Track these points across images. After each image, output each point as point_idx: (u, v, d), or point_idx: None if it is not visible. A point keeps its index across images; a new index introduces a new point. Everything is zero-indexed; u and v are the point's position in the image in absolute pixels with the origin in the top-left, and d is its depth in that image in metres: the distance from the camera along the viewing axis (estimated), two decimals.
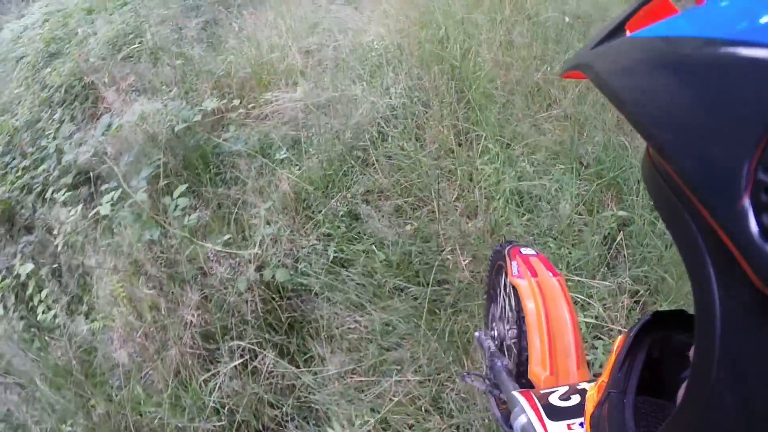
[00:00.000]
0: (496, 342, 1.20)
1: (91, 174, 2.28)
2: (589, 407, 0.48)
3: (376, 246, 1.94)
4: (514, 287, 1.05)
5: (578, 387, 0.71)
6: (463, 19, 2.49)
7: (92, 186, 2.25)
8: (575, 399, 0.68)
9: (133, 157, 2.05)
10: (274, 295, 1.97)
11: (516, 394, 0.75)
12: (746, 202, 0.19)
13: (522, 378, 0.97)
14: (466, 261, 2.00)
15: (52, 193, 2.31)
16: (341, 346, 1.89)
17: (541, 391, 0.74)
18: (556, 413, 0.67)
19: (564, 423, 0.64)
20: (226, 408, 1.71)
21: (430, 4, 2.63)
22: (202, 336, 1.89)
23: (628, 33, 0.27)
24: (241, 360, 1.76)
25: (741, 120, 0.19)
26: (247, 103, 2.44)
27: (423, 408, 1.69)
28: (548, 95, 2.36)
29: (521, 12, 2.58)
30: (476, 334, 1.32)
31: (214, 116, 2.22)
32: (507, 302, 1.15)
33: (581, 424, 0.63)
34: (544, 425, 0.66)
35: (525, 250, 1.10)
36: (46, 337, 2.02)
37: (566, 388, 0.72)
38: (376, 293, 1.93)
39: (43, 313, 2.12)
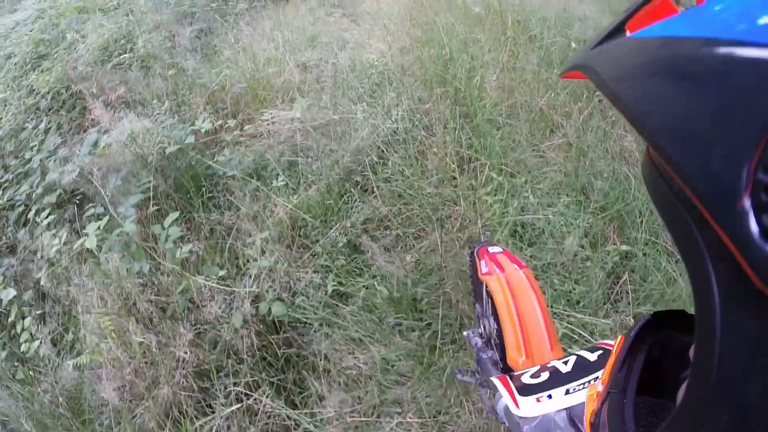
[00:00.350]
0: (484, 338, 1.19)
1: (77, 194, 2.04)
2: (589, 407, 0.45)
3: (377, 280, 1.76)
4: (486, 284, 1.05)
5: (548, 365, 0.70)
6: (466, 39, 2.29)
7: (78, 207, 2.02)
8: (544, 376, 0.68)
9: (121, 180, 1.83)
10: (270, 330, 1.79)
11: (494, 379, 0.75)
12: (746, 202, 0.18)
13: (505, 367, 0.98)
14: (468, 294, 1.84)
15: (36, 213, 2.07)
16: (339, 381, 1.73)
17: (516, 374, 0.74)
18: (526, 390, 0.67)
19: (533, 397, 0.64)
20: None
21: (432, 21, 2.42)
22: (195, 374, 1.70)
23: (628, 33, 0.26)
24: (239, 405, 1.59)
25: (740, 120, 0.18)
26: (242, 121, 2.21)
27: None
28: (551, 121, 2.18)
29: (524, 33, 2.38)
30: (465, 333, 1.31)
31: (207, 137, 1.99)
32: (487, 298, 1.15)
33: (549, 396, 0.63)
34: (515, 401, 0.66)
35: (492, 249, 1.11)
36: (30, 371, 1.81)
37: (537, 367, 0.72)
38: (377, 329, 1.77)
39: (26, 342, 1.90)
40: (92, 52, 2.67)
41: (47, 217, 2.00)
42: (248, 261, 1.84)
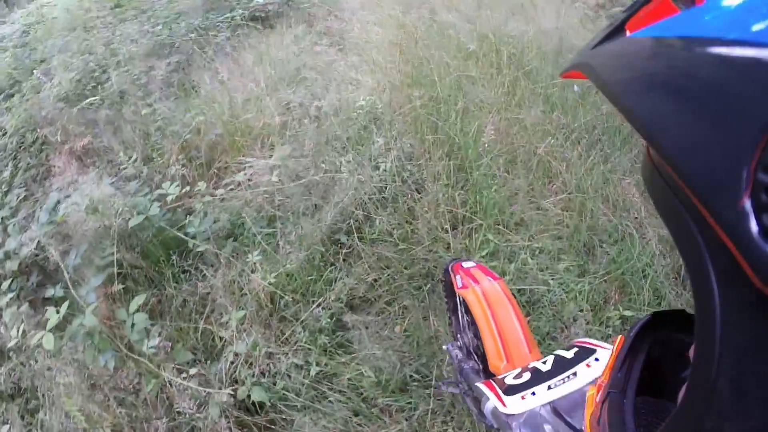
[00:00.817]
0: (463, 350, 1.15)
1: (40, 261, 1.75)
2: (589, 407, 0.44)
3: (364, 368, 1.51)
4: (463, 298, 1.03)
5: (529, 366, 0.70)
6: (460, 77, 1.96)
7: (42, 277, 1.74)
8: (526, 376, 0.68)
9: (81, 258, 1.54)
10: (250, 412, 1.54)
11: (479, 385, 0.75)
12: (746, 202, 0.16)
13: (488, 374, 0.95)
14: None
15: None
16: None
17: (499, 377, 0.74)
18: (511, 390, 0.67)
19: (518, 395, 0.64)
20: None
21: (423, 55, 2.08)
22: None
23: (628, 33, 0.24)
24: None
25: (740, 120, 0.16)
26: (217, 170, 1.90)
27: None
28: (549, 169, 1.89)
29: (520, 67, 2.05)
30: (444, 347, 1.27)
31: (176, 202, 1.69)
32: (463, 312, 1.12)
33: (533, 393, 0.63)
34: (502, 401, 0.65)
35: (466, 264, 1.08)
36: None
37: (519, 369, 0.72)
38: (364, 413, 1.53)
39: None
40: (63, 87, 2.31)
41: (10, 285, 1.72)
42: (223, 338, 1.58)
